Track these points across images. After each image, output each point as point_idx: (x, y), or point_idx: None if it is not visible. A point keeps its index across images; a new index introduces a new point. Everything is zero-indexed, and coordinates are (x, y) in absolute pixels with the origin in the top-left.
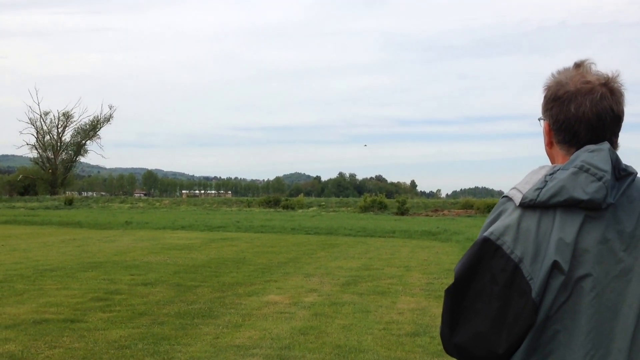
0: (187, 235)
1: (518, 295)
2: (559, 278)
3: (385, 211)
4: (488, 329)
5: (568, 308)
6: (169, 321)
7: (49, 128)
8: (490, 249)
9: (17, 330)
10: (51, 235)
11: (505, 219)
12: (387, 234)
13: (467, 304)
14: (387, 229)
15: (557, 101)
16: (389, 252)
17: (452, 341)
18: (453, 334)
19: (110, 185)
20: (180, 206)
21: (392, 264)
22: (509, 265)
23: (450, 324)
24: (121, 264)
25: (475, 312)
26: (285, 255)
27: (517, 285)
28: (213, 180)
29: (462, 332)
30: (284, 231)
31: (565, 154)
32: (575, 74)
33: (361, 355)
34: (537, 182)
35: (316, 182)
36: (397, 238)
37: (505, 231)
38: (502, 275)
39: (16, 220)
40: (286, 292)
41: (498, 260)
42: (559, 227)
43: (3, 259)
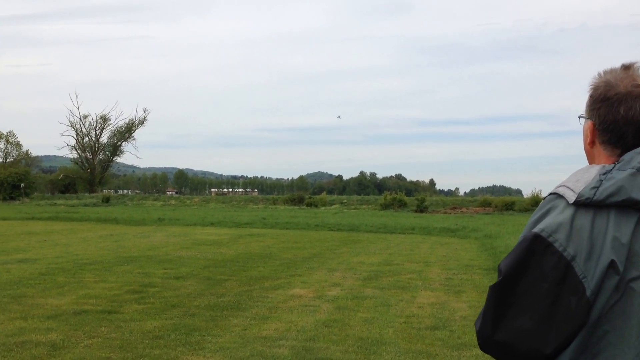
0: (216, 232)
1: (570, 294)
2: (614, 278)
3: (405, 208)
4: (535, 326)
5: (619, 309)
6: (200, 313)
7: (88, 130)
8: (541, 246)
9: (59, 321)
10: (90, 231)
11: (557, 216)
12: (407, 230)
13: (513, 301)
14: (407, 226)
15: (606, 102)
16: (409, 248)
17: (494, 337)
18: (496, 331)
19: (144, 183)
20: (209, 204)
21: (412, 260)
22: (561, 263)
23: (494, 320)
24: (155, 258)
25: (522, 310)
26: (310, 251)
27: (570, 283)
28: (240, 179)
29: (506, 328)
30: (308, 228)
31: (610, 155)
32: (625, 76)
33: (383, 347)
34: (592, 180)
35: (338, 180)
36: (416, 234)
37: (557, 228)
38: (553, 273)
39: (57, 216)
40: (310, 286)
41: (549, 258)
42: (615, 227)
43: (46, 253)
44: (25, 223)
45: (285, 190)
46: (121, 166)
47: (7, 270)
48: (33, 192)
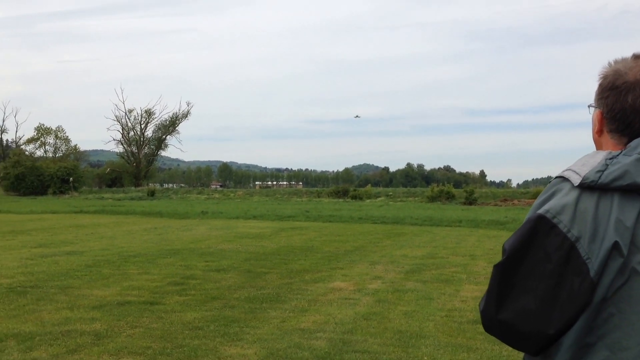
0: (258, 225)
1: (573, 274)
2: (617, 260)
3: (453, 201)
4: (538, 307)
5: (625, 292)
6: (239, 305)
7: (133, 124)
8: (545, 227)
9: (103, 311)
10: (135, 224)
11: (561, 199)
12: (453, 223)
13: (516, 281)
14: (453, 219)
15: (614, 90)
16: (455, 241)
17: (498, 317)
18: (499, 311)
19: (188, 177)
20: (253, 197)
21: (457, 253)
22: (565, 243)
23: (498, 300)
24: (197, 251)
25: (525, 290)
26: (352, 244)
27: (573, 264)
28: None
29: (509, 308)
30: (351, 220)
31: (617, 143)
32: (635, 65)
33: (422, 340)
34: (597, 164)
35: (384, 172)
36: (463, 227)
37: (562, 210)
38: (557, 253)
39: (104, 210)
40: (351, 279)
41: (553, 239)
42: (619, 210)
43: (92, 245)
44: (73, 216)
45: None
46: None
47: (55, 262)
48: (81, 186)
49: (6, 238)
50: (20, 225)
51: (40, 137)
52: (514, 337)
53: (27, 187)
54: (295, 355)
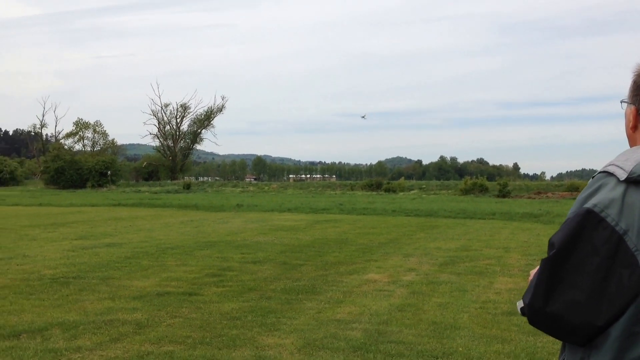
0: (293, 217)
1: (622, 267)
2: None
3: (486, 194)
4: (587, 299)
5: None
6: (276, 296)
7: (169, 119)
8: (593, 221)
9: (143, 301)
10: (171, 217)
11: (608, 193)
12: (487, 215)
13: (564, 275)
14: (487, 211)
15: None
16: (489, 233)
17: (546, 309)
18: (548, 303)
19: (223, 170)
20: (287, 190)
21: (491, 245)
22: (613, 237)
23: (546, 293)
24: (233, 243)
25: (573, 283)
26: (386, 236)
27: (622, 257)
28: (318, 165)
29: (558, 301)
30: (385, 213)
31: None
32: None
33: (456, 332)
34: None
35: (417, 165)
36: (497, 220)
37: (610, 204)
38: (605, 247)
39: (142, 203)
40: (385, 271)
41: (601, 232)
42: None
43: (131, 238)
44: (112, 209)
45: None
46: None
47: (96, 254)
48: (119, 179)
49: (48, 230)
50: (61, 217)
51: (79, 131)
52: (563, 329)
53: (67, 181)
54: (332, 345)
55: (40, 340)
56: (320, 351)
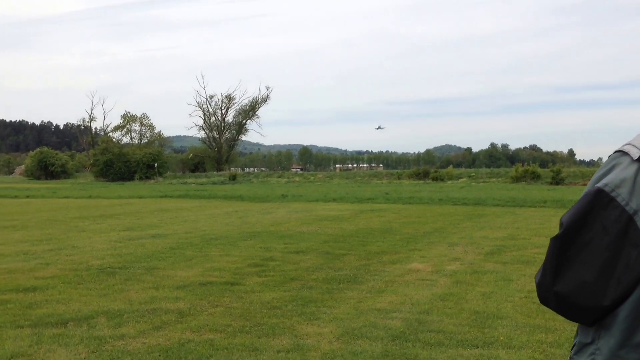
0: (338, 207)
1: (631, 246)
2: None
3: (539, 181)
4: (595, 278)
5: None
6: (317, 286)
7: (214, 110)
8: (603, 200)
9: (186, 291)
10: (216, 208)
11: (620, 172)
12: (537, 204)
13: (573, 254)
14: (538, 199)
15: None
16: (538, 222)
17: (554, 289)
18: (556, 282)
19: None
20: (333, 180)
21: (540, 234)
22: (623, 216)
23: (554, 272)
24: (276, 233)
25: (582, 262)
26: (431, 225)
27: (631, 236)
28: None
29: (566, 280)
30: (431, 202)
31: None
32: None
33: (499, 321)
34: None
35: (467, 153)
36: (548, 208)
37: (621, 183)
38: (614, 226)
39: (188, 194)
40: (429, 261)
41: (611, 212)
42: None
43: (176, 228)
44: (158, 201)
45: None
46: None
47: (142, 245)
48: (166, 171)
49: (97, 222)
50: (109, 209)
51: (127, 124)
52: (570, 308)
53: (115, 173)
54: (370, 334)
55: (86, 328)
56: (359, 340)
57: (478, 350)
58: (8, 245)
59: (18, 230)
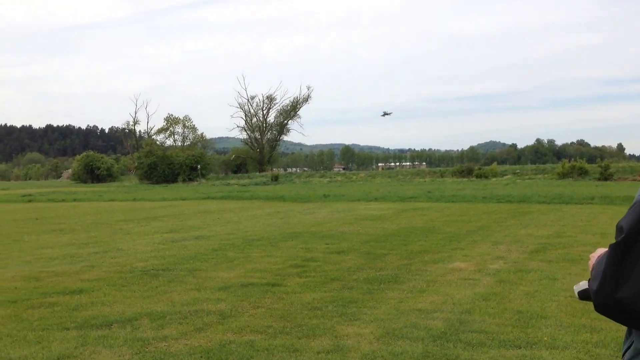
0: (379, 206)
1: None
2: None
3: (586, 177)
4: None
5: None
6: (358, 286)
7: (255, 111)
8: None
9: (228, 292)
10: (259, 209)
11: None
12: (584, 200)
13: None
14: (585, 195)
15: None
16: (585, 219)
17: (617, 296)
18: (618, 289)
19: (311, 161)
20: (375, 179)
21: (587, 231)
22: None
23: (616, 279)
24: (318, 234)
25: None
26: (475, 224)
27: None
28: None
29: (629, 286)
30: (475, 200)
31: None
32: None
33: (543, 321)
34: None
35: (512, 149)
36: (596, 205)
37: None
38: None
39: (230, 195)
40: (472, 260)
41: None
42: None
43: (219, 230)
44: (201, 202)
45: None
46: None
47: (184, 247)
48: (208, 173)
49: (141, 224)
50: (153, 212)
51: (170, 127)
52: (632, 315)
53: (159, 176)
54: (411, 334)
55: (130, 330)
56: (399, 340)
57: (521, 351)
58: (55, 249)
59: (65, 234)
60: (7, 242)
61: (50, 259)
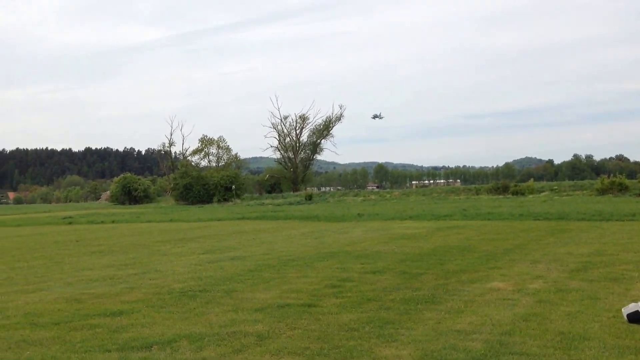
0: (414, 225)
1: None
2: None
3: (627, 193)
4: None
5: None
6: (394, 306)
7: (289, 130)
8: None
9: (264, 313)
10: (293, 229)
11: None
12: (626, 217)
13: None
14: (626, 212)
15: None
16: (627, 236)
17: None
18: None
19: (345, 179)
20: (409, 197)
21: (629, 249)
22: None
23: None
24: (353, 253)
25: None
26: (512, 242)
27: None
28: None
29: None
30: (511, 218)
31: None
32: None
33: (586, 343)
34: None
35: (548, 165)
36: (637, 221)
37: None
38: None
39: (265, 216)
40: (510, 279)
41: None
42: None
43: (254, 250)
44: (236, 223)
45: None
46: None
47: (221, 268)
48: (243, 193)
49: (178, 245)
50: (189, 232)
51: (204, 147)
52: None
53: (195, 196)
54: (450, 356)
55: (169, 352)
56: None
57: None
58: (95, 270)
59: (105, 255)
60: (50, 264)
61: (91, 280)
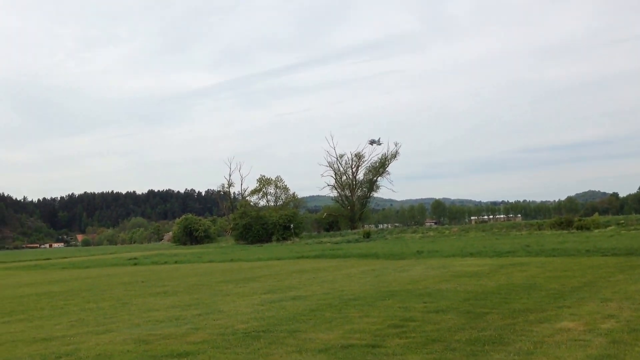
0: (476, 262)
1: None
2: None
3: None
4: None
5: None
6: (460, 347)
7: (345, 169)
8: None
9: (328, 354)
10: (353, 267)
11: None
12: None
13: None
14: None
15: None
16: None
17: None
18: None
19: (402, 216)
20: (469, 233)
21: None
22: None
23: None
24: (414, 292)
25: None
26: (580, 280)
27: None
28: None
29: None
30: (577, 254)
31: None
32: None
33: None
34: None
35: (613, 198)
36: None
37: None
38: None
39: (324, 254)
40: (580, 319)
41: None
42: None
43: (315, 290)
44: (296, 262)
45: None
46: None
47: (282, 307)
48: (301, 231)
49: (239, 285)
50: (250, 272)
51: (262, 187)
52: None
53: (254, 236)
54: None
55: None
56: None
57: None
58: (161, 311)
59: (169, 296)
60: (118, 305)
61: (157, 321)
